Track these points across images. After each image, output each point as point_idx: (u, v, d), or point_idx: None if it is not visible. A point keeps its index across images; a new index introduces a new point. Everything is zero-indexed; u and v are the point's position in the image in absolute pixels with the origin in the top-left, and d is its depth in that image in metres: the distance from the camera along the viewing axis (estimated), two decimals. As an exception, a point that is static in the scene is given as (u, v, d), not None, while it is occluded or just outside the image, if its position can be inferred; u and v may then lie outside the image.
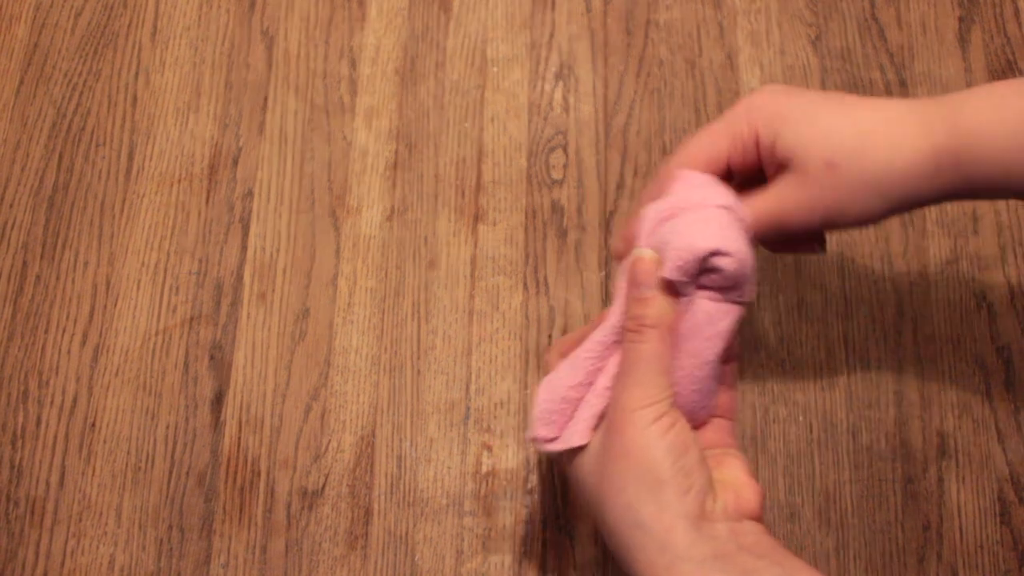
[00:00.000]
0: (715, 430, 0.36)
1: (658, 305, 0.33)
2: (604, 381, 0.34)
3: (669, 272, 0.33)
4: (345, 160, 0.52)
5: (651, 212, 0.35)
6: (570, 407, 0.34)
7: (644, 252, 0.34)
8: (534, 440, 0.35)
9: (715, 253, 0.32)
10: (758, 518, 0.32)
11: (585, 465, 0.33)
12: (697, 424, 0.35)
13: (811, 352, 0.48)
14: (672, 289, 0.34)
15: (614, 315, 0.35)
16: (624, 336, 0.33)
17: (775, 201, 0.35)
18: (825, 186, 0.34)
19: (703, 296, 0.34)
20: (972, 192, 0.34)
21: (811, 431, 0.46)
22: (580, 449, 0.33)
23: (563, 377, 0.35)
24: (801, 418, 0.47)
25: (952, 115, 0.33)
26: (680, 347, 0.34)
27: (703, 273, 0.33)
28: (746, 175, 0.37)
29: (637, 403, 0.31)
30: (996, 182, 0.33)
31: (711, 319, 0.34)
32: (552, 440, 0.34)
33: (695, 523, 0.30)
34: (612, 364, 0.34)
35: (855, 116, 0.34)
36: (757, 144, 0.35)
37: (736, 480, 0.32)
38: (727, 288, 0.33)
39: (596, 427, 0.33)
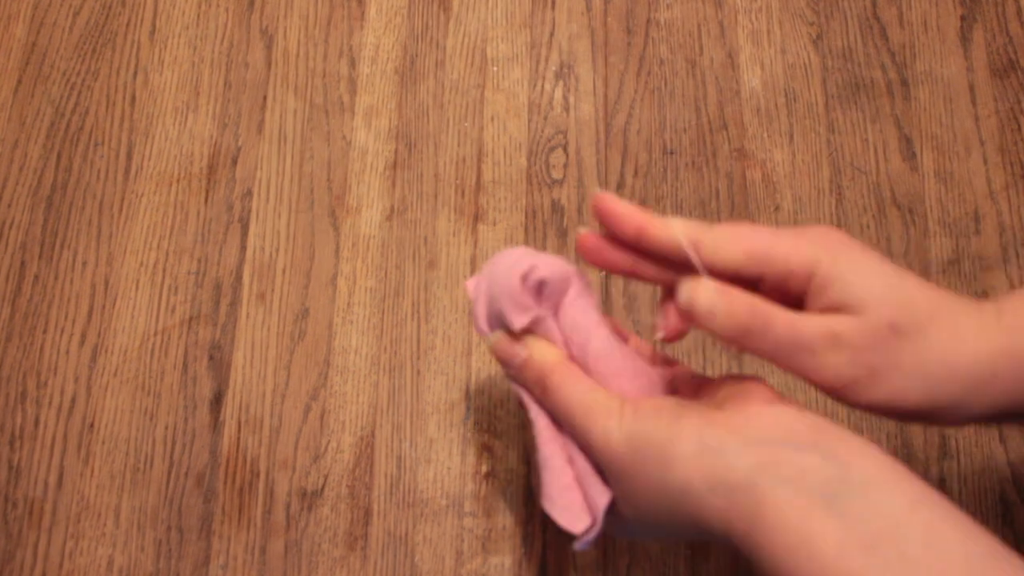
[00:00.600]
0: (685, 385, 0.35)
1: (537, 352, 0.33)
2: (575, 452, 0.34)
3: (516, 323, 0.33)
4: (344, 159, 0.52)
5: (473, 294, 0.35)
6: (575, 490, 0.34)
7: (490, 340, 0.35)
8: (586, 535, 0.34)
9: (528, 274, 0.33)
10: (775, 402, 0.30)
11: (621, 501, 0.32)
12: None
13: None
14: (533, 331, 0.34)
15: (540, 417, 0.35)
16: (540, 400, 0.34)
17: (833, 323, 0.30)
18: (882, 349, 0.30)
19: (554, 313, 0.34)
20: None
21: None
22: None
23: (554, 476, 0.34)
24: None
25: (1005, 315, 0.30)
26: (586, 363, 0.34)
27: (538, 299, 0.34)
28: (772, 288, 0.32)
29: (596, 425, 0.31)
30: None
31: (578, 315, 0.34)
32: (591, 527, 0.33)
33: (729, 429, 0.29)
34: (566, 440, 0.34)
35: (925, 290, 0.31)
36: (809, 279, 0.31)
37: (732, 388, 0.31)
38: (563, 291, 0.34)
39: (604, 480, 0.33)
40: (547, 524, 0.45)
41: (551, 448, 0.34)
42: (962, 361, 0.30)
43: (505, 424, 0.47)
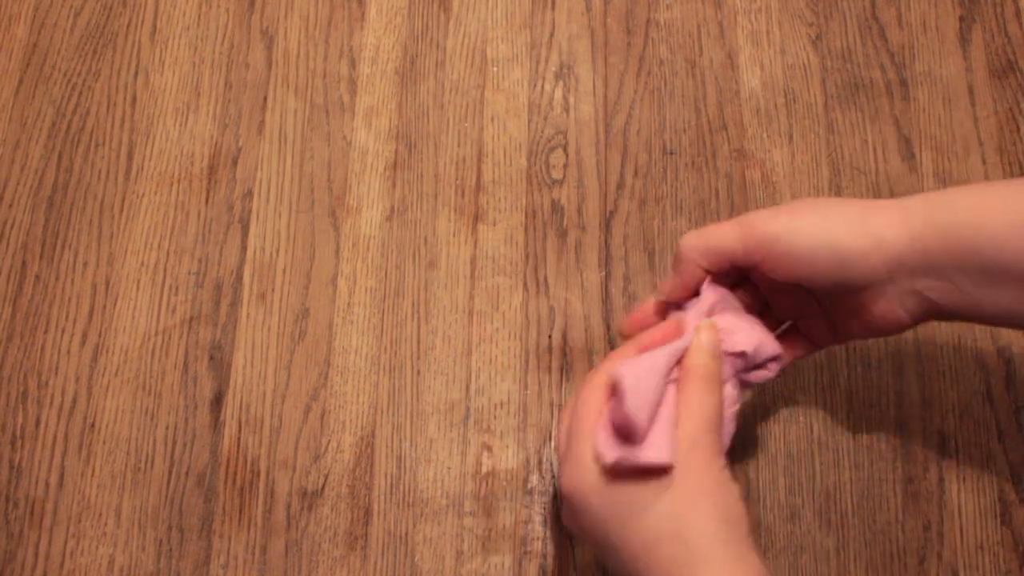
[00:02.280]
0: None
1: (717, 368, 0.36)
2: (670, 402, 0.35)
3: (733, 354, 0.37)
4: (345, 160, 0.52)
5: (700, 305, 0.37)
6: (652, 411, 0.34)
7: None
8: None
9: (774, 359, 0.37)
10: None
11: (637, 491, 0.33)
12: None
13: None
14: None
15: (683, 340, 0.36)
16: (695, 379, 0.35)
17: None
18: (795, 202, 0.36)
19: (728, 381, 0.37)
20: (949, 260, 0.33)
21: (811, 431, 0.47)
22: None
23: (651, 375, 0.34)
24: (801, 418, 0.47)
25: (926, 193, 0.35)
26: None
27: (747, 368, 0.37)
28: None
29: (716, 447, 0.34)
30: (971, 241, 0.33)
31: (730, 400, 0.37)
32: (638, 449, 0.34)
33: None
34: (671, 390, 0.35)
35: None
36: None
37: None
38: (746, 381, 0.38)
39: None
40: (547, 523, 0.45)
41: (669, 364, 0.35)
42: (875, 206, 0.35)
43: (505, 424, 0.47)
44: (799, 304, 0.39)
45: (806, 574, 0.44)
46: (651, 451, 0.33)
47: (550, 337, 0.48)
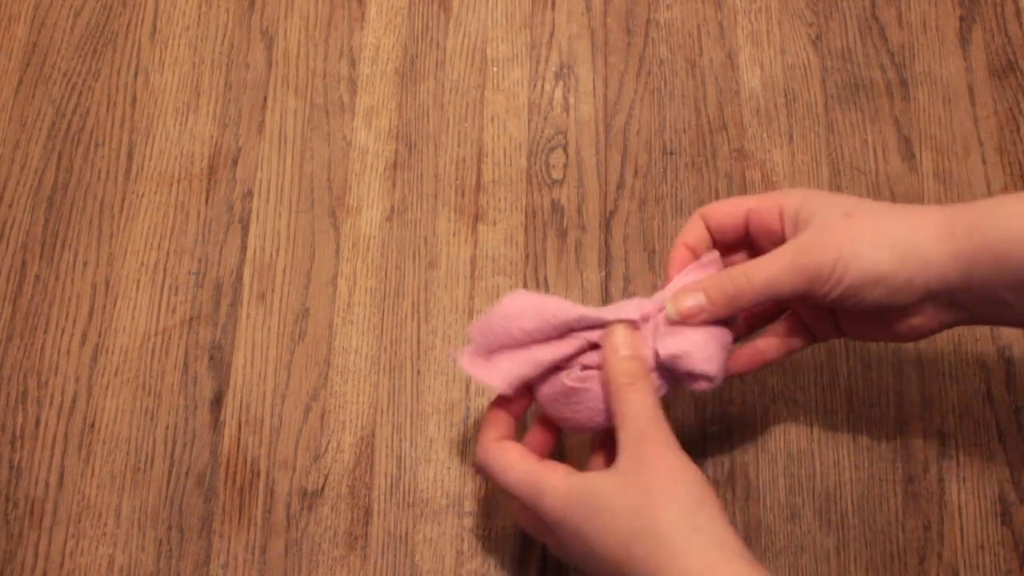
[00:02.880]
0: None
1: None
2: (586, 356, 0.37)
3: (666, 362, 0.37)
4: (345, 160, 0.52)
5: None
6: (510, 344, 0.37)
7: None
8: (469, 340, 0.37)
9: (706, 377, 0.36)
10: None
11: (609, 481, 0.34)
12: None
13: (811, 352, 0.48)
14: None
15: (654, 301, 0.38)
16: (617, 390, 0.36)
17: (790, 244, 0.36)
18: (842, 229, 0.35)
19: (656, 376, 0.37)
20: (992, 276, 0.33)
21: (811, 431, 0.47)
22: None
23: (536, 311, 0.37)
24: (801, 418, 0.47)
25: (974, 202, 0.35)
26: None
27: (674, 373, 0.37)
28: (763, 244, 0.39)
29: (665, 436, 0.34)
30: (1017, 258, 0.33)
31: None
32: (476, 360, 0.37)
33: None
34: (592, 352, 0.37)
35: (879, 202, 0.37)
36: (781, 215, 0.37)
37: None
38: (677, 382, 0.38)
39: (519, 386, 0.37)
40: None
41: (581, 319, 0.37)
42: (922, 222, 0.34)
43: None
44: (810, 306, 0.39)
45: (806, 574, 0.44)
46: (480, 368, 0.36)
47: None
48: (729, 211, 0.39)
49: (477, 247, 0.50)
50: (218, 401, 0.47)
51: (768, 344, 0.40)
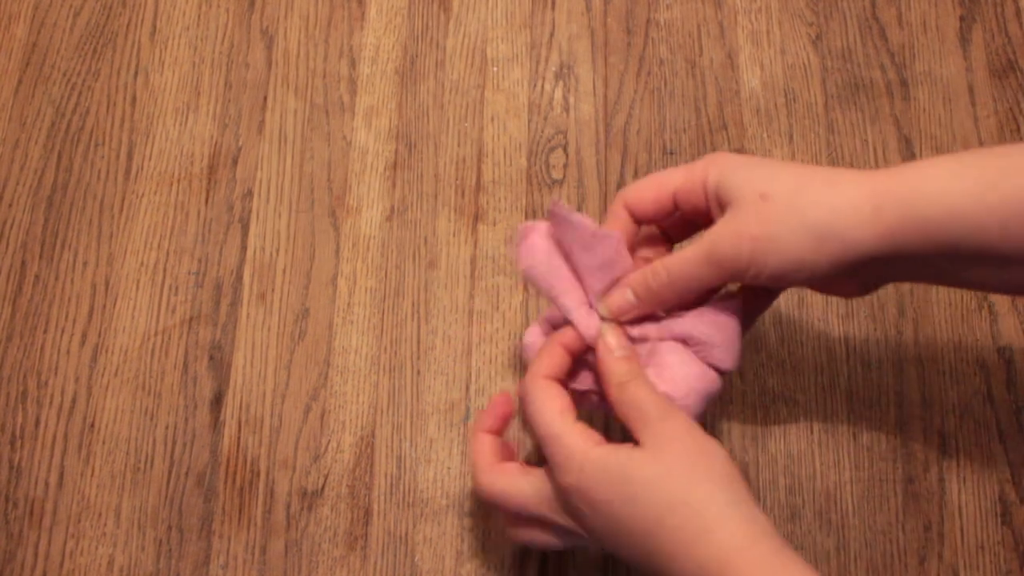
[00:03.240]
0: None
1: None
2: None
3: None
4: (345, 160, 0.52)
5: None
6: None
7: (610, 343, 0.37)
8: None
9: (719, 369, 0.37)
10: None
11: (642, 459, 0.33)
12: None
13: (811, 352, 0.48)
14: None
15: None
16: (619, 395, 0.36)
17: (706, 236, 0.35)
18: (755, 216, 0.34)
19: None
20: (921, 250, 0.33)
21: (811, 431, 0.47)
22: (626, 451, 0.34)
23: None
24: (802, 418, 0.47)
25: (894, 171, 0.34)
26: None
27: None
28: (693, 221, 0.38)
29: (686, 417, 0.34)
30: (945, 231, 0.32)
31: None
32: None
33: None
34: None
35: (798, 166, 0.35)
36: (705, 192, 0.36)
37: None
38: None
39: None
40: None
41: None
42: (835, 202, 0.33)
43: None
44: None
45: (806, 574, 0.44)
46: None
47: (550, 337, 0.48)
48: (652, 196, 0.37)
49: (477, 247, 0.50)
50: (218, 401, 0.47)
51: None
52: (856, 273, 0.34)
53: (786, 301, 0.49)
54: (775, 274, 0.34)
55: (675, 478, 0.32)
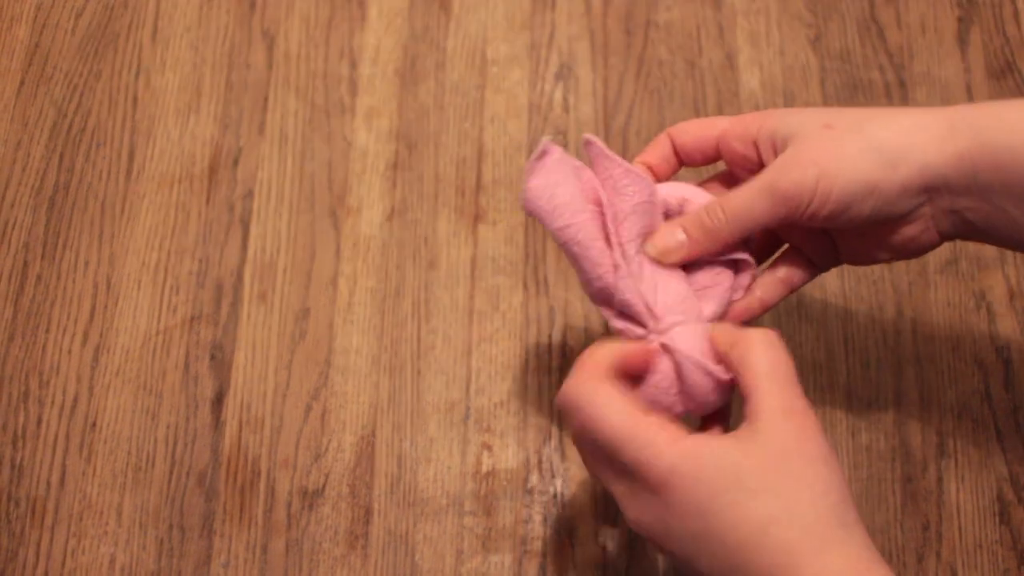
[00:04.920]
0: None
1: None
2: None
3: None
4: (345, 160, 0.52)
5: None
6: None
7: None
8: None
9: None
10: None
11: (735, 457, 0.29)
12: None
13: (811, 352, 0.48)
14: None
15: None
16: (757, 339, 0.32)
17: (767, 169, 0.34)
18: (819, 142, 0.33)
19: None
20: (997, 183, 0.31)
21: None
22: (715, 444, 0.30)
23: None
24: None
25: (969, 104, 0.34)
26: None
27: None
28: (738, 172, 0.37)
29: (812, 416, 0.30)
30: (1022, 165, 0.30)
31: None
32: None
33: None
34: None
35: (865, 108, 0.34)
36: (756, 144, 0.35)
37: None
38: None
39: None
40: (547, 523, 0.45)
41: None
42: (905, 122, 0.32)
43: (505, 424, 0.47)
44: (808, 234, 0.37)
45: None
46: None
47: (550, 336, 0.48)
48: (699, 133, 0.37)
49: (477, 247, 0.50)
50: (219, 401, 0.47)
51: (767, 287, 0.37)
52: (925, 206, 0.33)
53: (785, 302, 0.47)
54: (841, 202, 0.32)
55: (788, 488, 0.28)
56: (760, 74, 0.53)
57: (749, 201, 0.34)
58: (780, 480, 0.28)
